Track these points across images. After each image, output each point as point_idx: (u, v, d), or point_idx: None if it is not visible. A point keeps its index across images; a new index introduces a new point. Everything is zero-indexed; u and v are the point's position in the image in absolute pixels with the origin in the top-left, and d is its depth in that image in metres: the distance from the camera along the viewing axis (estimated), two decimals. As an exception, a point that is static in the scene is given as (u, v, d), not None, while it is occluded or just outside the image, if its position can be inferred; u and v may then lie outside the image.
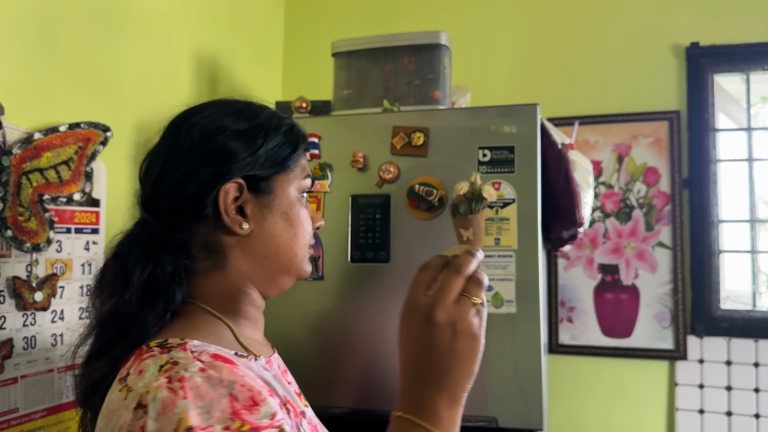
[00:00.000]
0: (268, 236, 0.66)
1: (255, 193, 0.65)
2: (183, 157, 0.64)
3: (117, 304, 0.61)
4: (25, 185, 1.04)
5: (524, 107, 1.12)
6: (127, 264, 0.62)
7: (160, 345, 0.57)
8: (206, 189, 0.63)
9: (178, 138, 0.66)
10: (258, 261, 0.66)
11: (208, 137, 0.64)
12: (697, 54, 1.64)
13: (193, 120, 0.66)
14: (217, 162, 0.63)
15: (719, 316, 1.58)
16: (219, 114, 0.67)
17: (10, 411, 1.02)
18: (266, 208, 0.66)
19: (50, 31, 1.12)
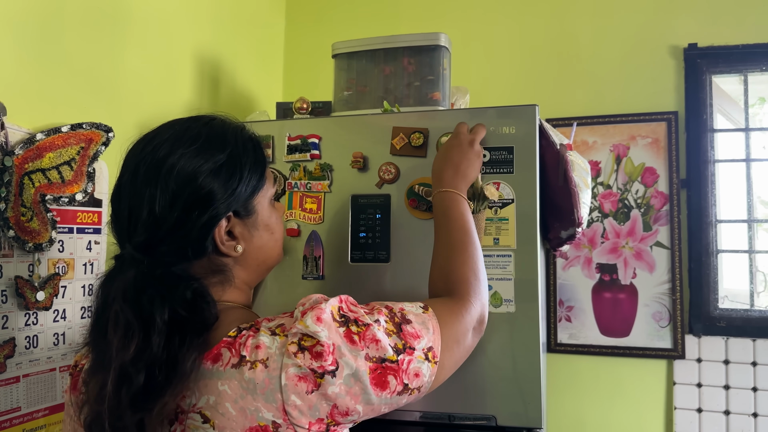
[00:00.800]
0: (257, 249, 0.75)
1: (240, 217, 0.72)
2: (170, 202, 0.66)
3: (143, 347, 0.62)
4: (27, 185, 1.05)
5: (523, 108, 1.13)
6: (143, 307, 0.63)
7: (243, 329, 0.65)
8: (205, 232, 0.68)
9: (157, 183, 0.67)
10: (253, 268, 0.76)
11: (189, 182, 0.67)
12: (695, 55, 1.65)
13: (165, 166, 0.67)
14: (205, 206, 0.68)
15: (717, 316, 1.59)
16: (186, 154, 0.68)
17: (13, 410, 1.02)
18: (252, 227, 0.74)
19: (52, 32, 1.13)
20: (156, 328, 0.62)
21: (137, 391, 0.61)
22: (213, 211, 0.68)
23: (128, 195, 0.69)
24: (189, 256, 0.68)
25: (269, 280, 1.23)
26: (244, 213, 0.72)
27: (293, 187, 1.23)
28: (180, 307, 0.64)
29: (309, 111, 1.37)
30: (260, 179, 0.74)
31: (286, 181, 1.24)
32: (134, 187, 0.68)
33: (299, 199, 1.22)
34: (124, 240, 0.69)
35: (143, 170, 0.68)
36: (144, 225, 0.67)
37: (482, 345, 1.08)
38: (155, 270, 0.66)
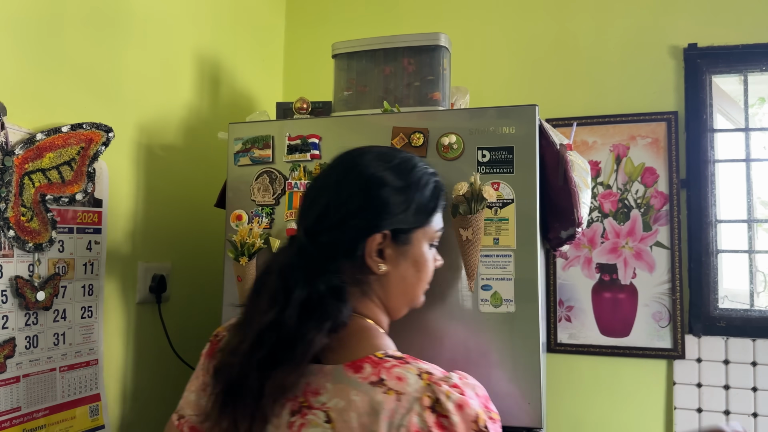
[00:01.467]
0: (400, 278, 0.78)
1: (395, 242, 0.76)
2: (345, 200, 0.75)
3: (278, 317, 0.70)
4: (27, 185, 1.05)
5: (523, 108, 1.13)
6: (289, 281, 0.71)
7: (390, 356, 0.69)
8: (360, 235, 0.74)
9: (343, 182, 0.76)
10: (389, 296, 0.78)
11: (369, 188, 0.75)
12: (695, 55, 1.65)
13: (359, 169, 0.76)
14: (372, 214, 0.74)
15: (717, 316, 1.59)
16: (381, 166, 0.76)
17: (13, 410, 1.03)
18: (402, 255, 0.77)
19: (53, 32, 1.13)
20: (292, 303, 0.69)
21: (265, 355, 0.67)
22: (375, 221, 0.74)
23: (318, 186, 0.79)
24: (339, 254, 0.74)
25: (269, 280, 1.23)
26: (400, 239, 0.76)
27: (293, 187, 1.23)
28: (317, 292, 0.70)
29: (309, 111, 1.38)
30: (427, 219, 0.79)
31: (286, 181, 1.24)
32: (325, 180, 0.78)
33: (299, 199, 1.23)
34: (300, 223, 0.77)
35: (340, 169, 0.78)
36: (317, 213, 0.75)
37: (482, 345, 1.08)
38: (311, 255, 0.73)
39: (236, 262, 1.20)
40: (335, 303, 0.71)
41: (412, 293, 0.81)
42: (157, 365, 1.41)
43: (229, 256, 1.22)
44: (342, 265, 0.74)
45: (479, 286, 1.10)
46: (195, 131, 1.56)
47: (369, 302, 0.77)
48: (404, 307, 0.82)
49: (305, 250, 0.74)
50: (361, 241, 0.74)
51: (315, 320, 0.69)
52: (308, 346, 0.68)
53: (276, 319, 0.69)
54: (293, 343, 0.68)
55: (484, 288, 1.10)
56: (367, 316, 0.77)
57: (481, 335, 1.08)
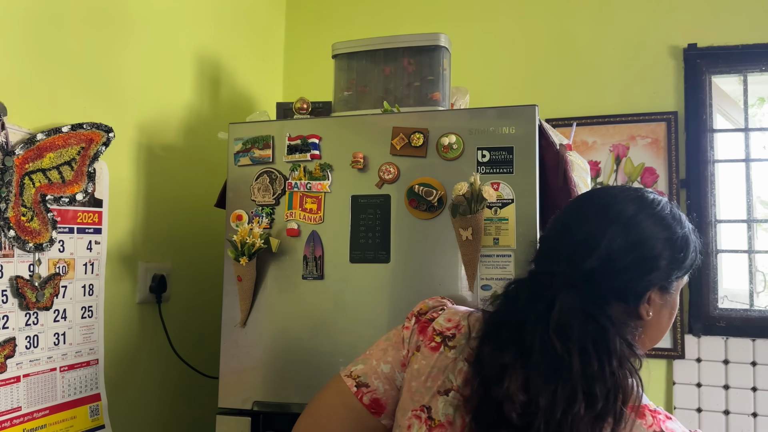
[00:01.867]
0: (657, 323, 0.78)
1: (661, 291, 0.76)
2: (629, 248, 0.74)
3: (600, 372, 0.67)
4: (27, 185, 1.05)
5: (523, 108, 1.13)
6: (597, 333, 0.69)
7: (656, 410, 0.70)
8: (646, 287, 0.75)
9: (623, 227, 0.75)
10: (644, 341, 0.77)
11: (647, 240, 0.75)
12: (695, 55, 1.65)
13: (637, 218, 0.75)
14: (656, 269, 0.75)
15: (717, 316, 1.59)
16: (656, 217, 0.76)
17: (13, 410, 1.03)
18: (664, 304, 0.77)
19: (53, 32, 1.13)
20: (613, 355, 0.68)
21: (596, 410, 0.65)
22: (660, 275, 0.75)
23: (589, 225, 0.76)
24: (622, 300, 0.74)
25: (269, 280, 1.23)
26: (665, 288, 0.77)
27: (293, 187, 1.23)
28: (624, 344, 0.70)
29: (309, 111, 1.38)
30: (689, 269, 0.79)
31: (286, 181, 1.24)
32: (599, 221, 0.75)
33: (299, 199, 1.23)
34: (562, 260, 0.74)
35: (614, 212, 0.76)
36: (599, 256, 0.73)
37: (482, 345, 1.08)
38: (594, 301, 0.71)
39: (236, 262, 1.20)
40: (634, 352, 0.71)
41: (659, 338, 0.81)
42: (157, 365, 1.42)
43: (229, 256, 1.22)
44: (616, 310, 0.73)
45: (479, 286, 1.10)
46: (195, 131, 1.56)
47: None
48: (647, 350, 0.81)
49: (583, 291, 0.71)
50: (646, 292, 0.75)
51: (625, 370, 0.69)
52: (626, 397, 0.67)
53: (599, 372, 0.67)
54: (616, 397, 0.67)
55: (484, 288, 1.10)
56: None
57: (481, 335, 1.08)
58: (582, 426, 0.65)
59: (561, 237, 0.78)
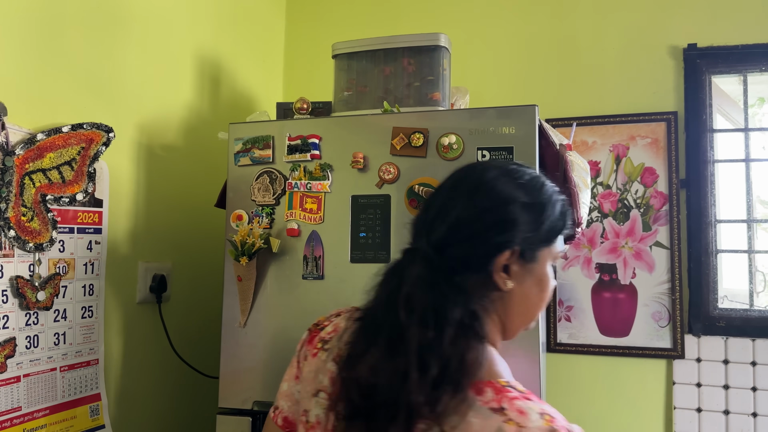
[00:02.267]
0: (523, 296, 0.76)
1: (522, 259, 0.74)
2: (477, 216, 0.74)
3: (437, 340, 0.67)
4: (28, 185, 1.05)
5: (523, 108, 1.13)
6: (435, 298, 0.69)
7: (512, 387, 0.68)
8: (492, 251, 0.73)
9: (474, 196, 0.75)
10: (509, 314, 0.76)
11: (501, 205, 0.74)
12: (695, 55, 1.65)
13: (490, 184, 0.75)
14: (504, 230, 0.73)
15: (716, 316, 1.59)
16: (511, 183, 0.76)
17: (13, 409, 1.03)
18: (528, 273, 0.75)
19: (53, 32, 1.13)
20: (449, 323, 0.67)
21: (429, 378, 0.65)
22: (506, 237, 0.73)
23: (444, 197, 0.76)
24: (470, 268, 0.72)
25: (269, 280, 1.23)
26: (527, 256, 0.75)
27: (293, 187, 1.23)
28: (466, 314, 0.69)
29: (309, 111, 1.38)
30: (554, 238, 0.78)
31: (287, 181, 1.24)
32: (452, 193, 0.76)
33: (299, 199, 1.23)
34: (422, 235, 0.74)
35: (467, 183, 0.76)
36: (447, 225, 0.73)
37: (482, 345, 1.08)
38: (440, 268, 0.71)
39: (236, 262, 1.20)
40: (479, 323, 0.71)
41: (532, 313, 0.79)
42: (157, 365, 1.42)
43: (229, 256, 1.22)
44: (468, 280, 0.72)
45: (479, 286, 1.10)
46: (195, 131, 1.56)
47: (489, 320, 0.76)
48: (520, 328, 0.80)
49: (433, 262, 0.71)
50: (493, 257, 0.73)
51: (471, 342, 0.68)
52: (469, 367, 0.67)
53: (435, 341, 0.66)
54: (457, 366, 0.66)
55: (484, 288, 1.10)
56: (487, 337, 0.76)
57: (481, 335, 1.08)
58: (417, 397, 0.64)
59: (422, 213, 0.78)
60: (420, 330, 0.67)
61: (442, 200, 0.76)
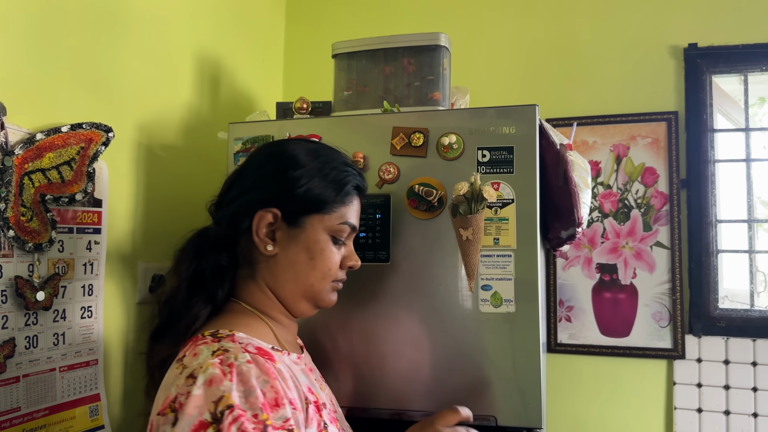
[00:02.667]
0: (289, 262, 0.77)
1: (288, 224, 0.76)
2: (244, 176, 0.78)
3: (171, 291, 0.75)
4: (27, 185, 1.05)
5: (523, 108, 1.13)
6: (181, 257, 0.77)
7: (213, 335, 0.69)
8: (250, 210, 0.75)
9: (251, 158, 0.80)
10: (280, 281, 0.77)
11: (266, 164, 0.77)
12: (695, 55, 1.65)
13: (270, 149, 0.79)
14: (264, 190, 0.75)
15: (717, 316, 1.59)
16: (293, 148, 0.78)
17: (13, 410, 1.02)
18: (293, 239, 0.76)
19: (52, 31, 1.13)
20: (182, 277, 0.74)
21: (157, 327, 0.73)
22: (265, 197, 0.74)
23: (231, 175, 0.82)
24: (234, 230, 0.75)
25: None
26: (292, 222, 0.76)
27: (293, 187, 1.23)
28: (201, 269, 0.74)
29: (309, 111, 1.37)
30: (325, 207, 0.78)
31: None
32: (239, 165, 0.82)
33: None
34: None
35: (253, 153, 0.81)
36: (221, 190, 0.79)
37: (482, 345, 1.08)
38: (207, 233, 0.78)
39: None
40: (213, 282, 0.74)
41: (304, 282, 0.78)
42: (157, 365, 1.41)
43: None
44: (241, 242, 0.76)
45: (479, 286, 1.10)
46: (195, 131, 1.56)
47: (255, 287, 0.77)
48: (299, 299, 0.79)
49: (207, 227, 0.79)
50: (248, 215, 0.75)
51: (200, 297, 0.72)
52: (191, 321, 0.71)
53: (170, 292, 0.74)
54: (180, 317, 0.72)
55: (484, 288, 1.10)
56: (250, 302, 0.77)
57: (481, 335, 1.08)
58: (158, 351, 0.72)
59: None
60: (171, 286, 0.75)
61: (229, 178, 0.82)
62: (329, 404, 0.80)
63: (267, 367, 0.64)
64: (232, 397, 0.59)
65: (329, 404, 0.80)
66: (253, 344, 0.69)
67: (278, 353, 0.72)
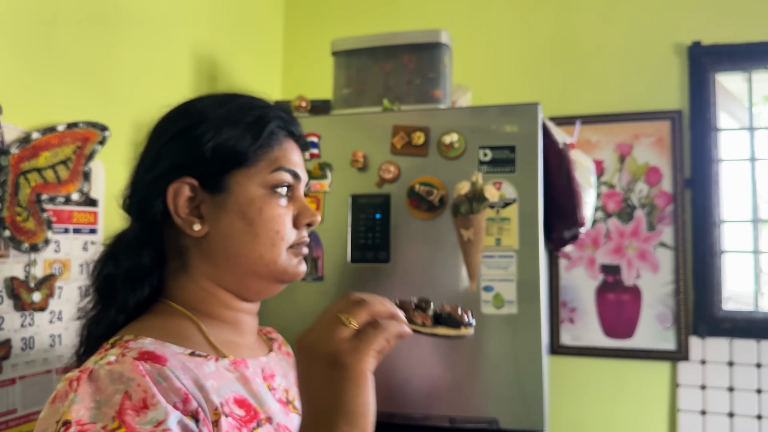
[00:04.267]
0: (224, 237, 0.62)
1: (210, 192, 0.62)
2: (147, 153, 0.67)
3: (90, 301, 0.67)
4: (23, 185, 1.04)
5: (525, 106, 1.12)
6: (94, 267, 0.67)
7: (113, 342, 0.59)
8: (157, 188, 0.62)
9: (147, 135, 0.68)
10: (219, 263, 0.63)
11: (164, 131, 0.65)
12: (699, 53, 1.63)
13: (166, 115, 0.67)
14: (169, 159, 0.63)
15: (721, 317, 1.58)
16: (187, 106, 0.67)
17: (9, 412, 1.02)
18: (221, 208, 0.62)
19: (48, 30, 1.12)
20: (95, 284, 0.65)
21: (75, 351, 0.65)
22: (170, 165, 0.62)
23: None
24: (135, 217, 0.65)
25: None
26: (212, 188, 0.62)
27: (292, 187, 1.22)
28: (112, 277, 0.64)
29: (308, 109, 1.36)
30: (241, 155, 0.62)
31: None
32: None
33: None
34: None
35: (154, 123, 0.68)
36: (127, 182, 0.68)
37: (484, 347, 1.07)
38: (122, 233, 0.67)
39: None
40: (124, 288, 0.63)
41: (249, 255, 0.62)
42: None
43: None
44: (165, 233, 0.64)
45: (481, 287, 1.09)
46: (194, 130, 1.55)
47: (187, 281, 0.63)
48: (250, 278, 0.64)
49: (128, 227, 0.67)
50: (162, 195, 0.61)
51: (112, 307, 0.63)
52: (105, 335, 0.61)
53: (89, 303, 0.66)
54: (98, 322, 0.64)
55: (486, 289, 1.09)
56: (180, 300, 0.64)
57: (483, 337, 1.07)
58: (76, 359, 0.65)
59: None
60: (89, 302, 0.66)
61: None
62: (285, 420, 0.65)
63: (134, 365, 0.52)
64: (71, 411, 0.49)
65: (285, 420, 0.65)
66: (142, 348, 0.55)
67: (198, 359, 0.59)
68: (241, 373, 0.63)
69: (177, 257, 0.64)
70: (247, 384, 0.63)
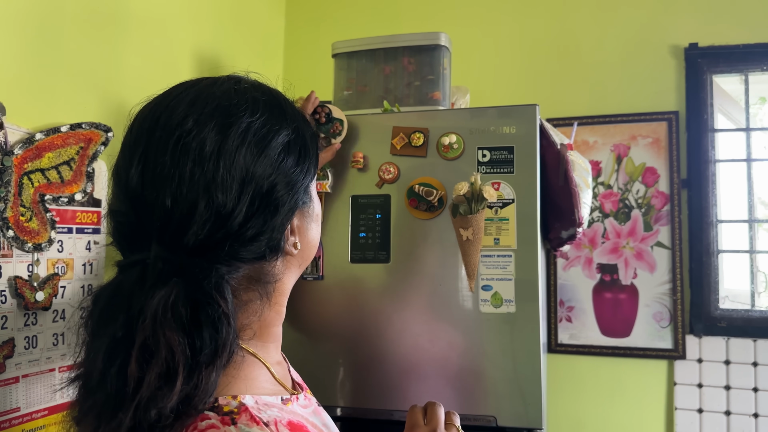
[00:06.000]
0: (309, 246, 0.58)
1: (300, 212, 0.56)
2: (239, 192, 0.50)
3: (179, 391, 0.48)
4: (26, 185, 1.05)
5: (523, 108, 1.13)
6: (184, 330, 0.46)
7: (215, 409, 0.46)
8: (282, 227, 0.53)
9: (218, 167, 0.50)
10: (295, 273, 0.59)
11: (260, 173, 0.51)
12: (696, 55, 1.64)
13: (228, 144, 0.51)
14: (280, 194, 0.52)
15: (718, 316, 1.59)
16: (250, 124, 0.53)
17: (12, 410, 1.02)
18: (308, 217, 0.57)
19: (52, 31, 1.13)
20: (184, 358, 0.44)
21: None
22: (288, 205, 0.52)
23: (165, 179, 0.49)
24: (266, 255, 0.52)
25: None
26: (302, 204, 0.55)
27: (293, 187, 1.22)
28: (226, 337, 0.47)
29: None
30: (316, 158, 0.59)
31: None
32: (174, 169, 0.49)
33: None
34: (147, 240, 0.49)
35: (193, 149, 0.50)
36: (203, 220, 0.47)
37: (482, 345, 1.08)
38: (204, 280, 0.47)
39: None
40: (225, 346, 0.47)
41: (314, 252, 0.60)
42: (156, 365, 1.41)
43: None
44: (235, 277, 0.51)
45: (479, 286, 1.10)
46: (195, 131, 1.56)
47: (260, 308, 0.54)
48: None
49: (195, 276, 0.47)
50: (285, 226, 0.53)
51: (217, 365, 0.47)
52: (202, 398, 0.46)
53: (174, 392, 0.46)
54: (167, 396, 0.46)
55: (485, 288, 1.10)
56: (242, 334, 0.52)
57: (482, 335, 1.08)
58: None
59: (136, 206, 0.50)
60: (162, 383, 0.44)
61: (166, 181, 0.49)
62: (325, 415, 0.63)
63: None
64: None
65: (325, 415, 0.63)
66: (282, 420, 0.46)
67: (290, 405, 0.53)
68: (314, 406, 0.60)
69: (257, 286, 0.53)
70: (321, 415, 0.60)
